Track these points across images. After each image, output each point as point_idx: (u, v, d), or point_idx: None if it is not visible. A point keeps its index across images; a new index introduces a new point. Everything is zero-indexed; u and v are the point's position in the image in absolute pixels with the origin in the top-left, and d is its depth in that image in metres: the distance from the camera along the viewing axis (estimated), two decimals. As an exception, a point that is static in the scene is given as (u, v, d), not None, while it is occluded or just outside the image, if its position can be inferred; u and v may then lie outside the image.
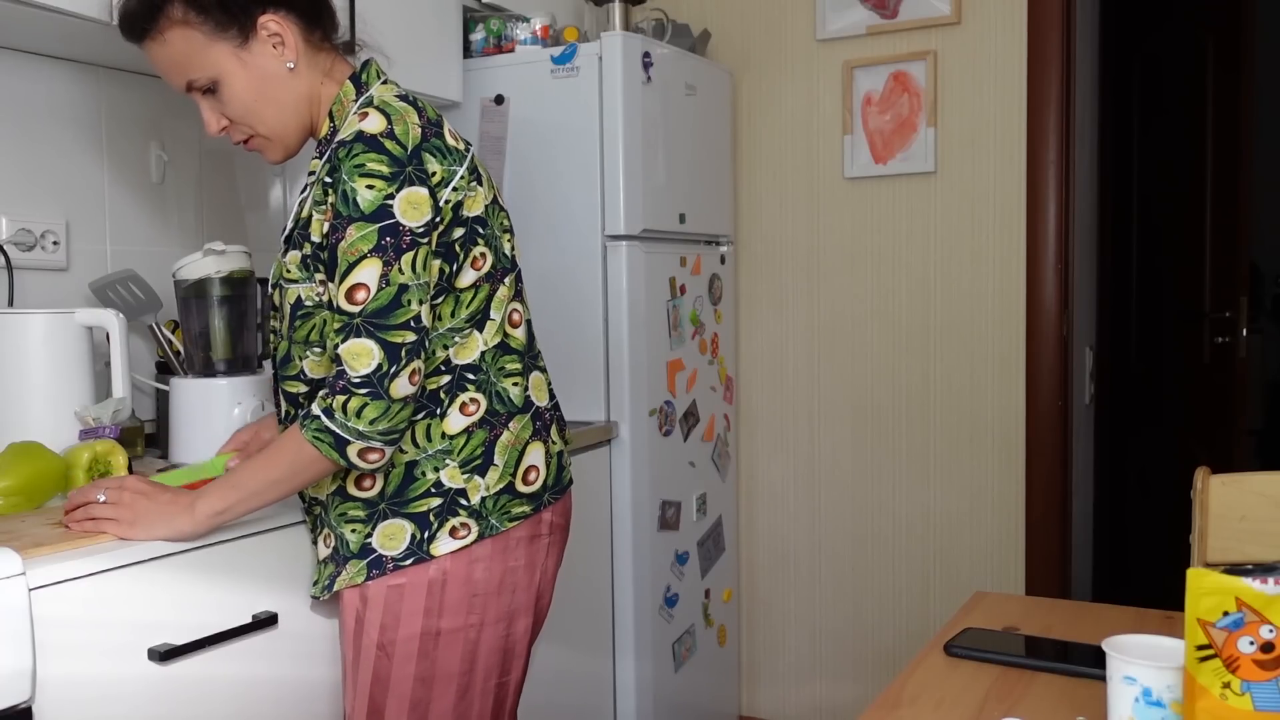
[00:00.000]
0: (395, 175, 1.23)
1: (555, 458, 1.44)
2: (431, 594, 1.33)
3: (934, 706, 1.06)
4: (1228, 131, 3.32)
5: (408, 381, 1.24)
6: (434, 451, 1.33)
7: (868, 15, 2.69)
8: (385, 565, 1.32)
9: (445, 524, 1.33)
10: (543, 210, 2.38)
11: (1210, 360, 3.41)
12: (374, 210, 1.22)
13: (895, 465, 2.76)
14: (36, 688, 1.13)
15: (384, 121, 1.25)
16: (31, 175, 1.80)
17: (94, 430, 1.54)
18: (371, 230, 1.22)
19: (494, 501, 1.35)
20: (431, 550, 1.32)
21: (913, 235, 2.71)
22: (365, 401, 1.22)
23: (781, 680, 2.92)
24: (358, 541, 1.34)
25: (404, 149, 1.25)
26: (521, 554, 1.38)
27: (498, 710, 1.41)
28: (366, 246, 1.22)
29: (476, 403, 1.35)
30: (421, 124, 1.28)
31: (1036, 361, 2.59)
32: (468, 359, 1.34)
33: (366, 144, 1.23)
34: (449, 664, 1.35)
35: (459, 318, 1.33)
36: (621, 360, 2.34)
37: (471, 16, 2.50)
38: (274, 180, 2.23)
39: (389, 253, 1.22)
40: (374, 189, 1.22)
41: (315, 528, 1.42)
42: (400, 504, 1.33)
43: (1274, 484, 1.44)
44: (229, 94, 1.32)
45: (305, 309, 1.31)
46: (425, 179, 1.25)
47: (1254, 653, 0.80)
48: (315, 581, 1.41)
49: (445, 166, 1.28)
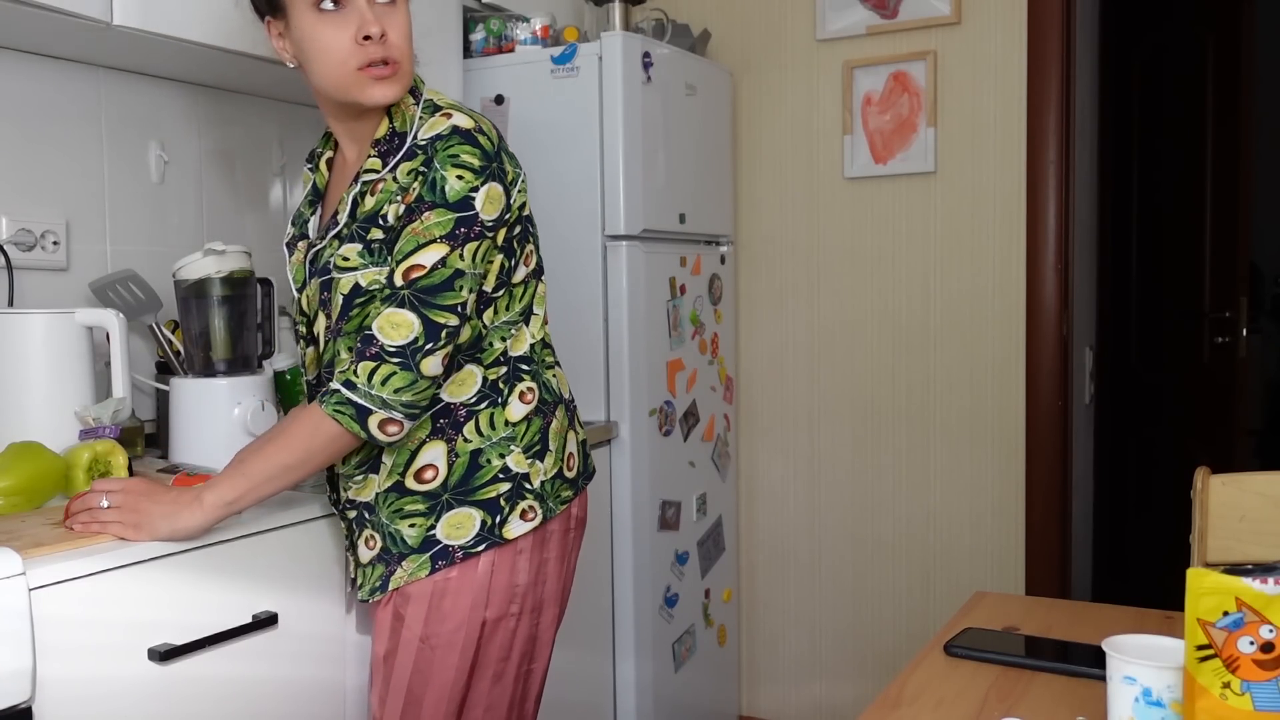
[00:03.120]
0: (483, 170, 1.27)
1: (581, 446, 1.49)
2: (480, 587, 1.34)
3: (934, 706, 1.06)
4: (1228, 131, 3.32)
5: (439, 361, 1.26)
6: (499, 439, 1.35)
7: (868, 15, 2.69)
8: (453, 555, 1.33)
9: (516, 507, 1.36)
10: (543, 210, 2.38)
11: (1210, 360, 3.41)
12: (458, 200, 1.26)
13: (895, 465, 2.76)
14: (36, 688, 1.13)
15: (473, 120, 1.30)
16: (31, 175, 1.80)
17: (94, 430, 1.54)
18: (450, 218, 1.25)
19: (550, 485, 1.40)
20: (504, 533, 1.34)
21: (913, 235, 2.71)
22: (394, 370, 1.23)
23: (781, 680, 2.92)
24: (418, 535, 1.34)
25: (492, 145, 1.30)
26: (555, 546, 1.42)
27: (524, 696, 1.45)
28: (440, 232, 1.25)
29: (532, 391, 1.39)
30: (494, 126, 1.34)
31: (1036, 361, 2.59)
32: (520, 350, 1.39)
33: (463, 137, 1.27)
34: (490, 653, 1.38)
35: (513, 311, 1.38)
36: (621, 360, 2.34)
37: (471, 16, 2.50)
38: (274, 180, 2.23)
39: (458, 240, 1.25)
40: (463, 179, 1.26)
41: (352, 532, 1.42)
42: (466, 493, 1.34)
43: (1274, 484, 1.44)
44: (402, 19, 1.33)
45: (364, 294, 1.30)
46: (503, 177, 1.30)
47: (1254, 653, 0.80)
48: (361, 585, 1.40)
49: (514, 169, 1.35)
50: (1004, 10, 2.58)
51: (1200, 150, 3.42)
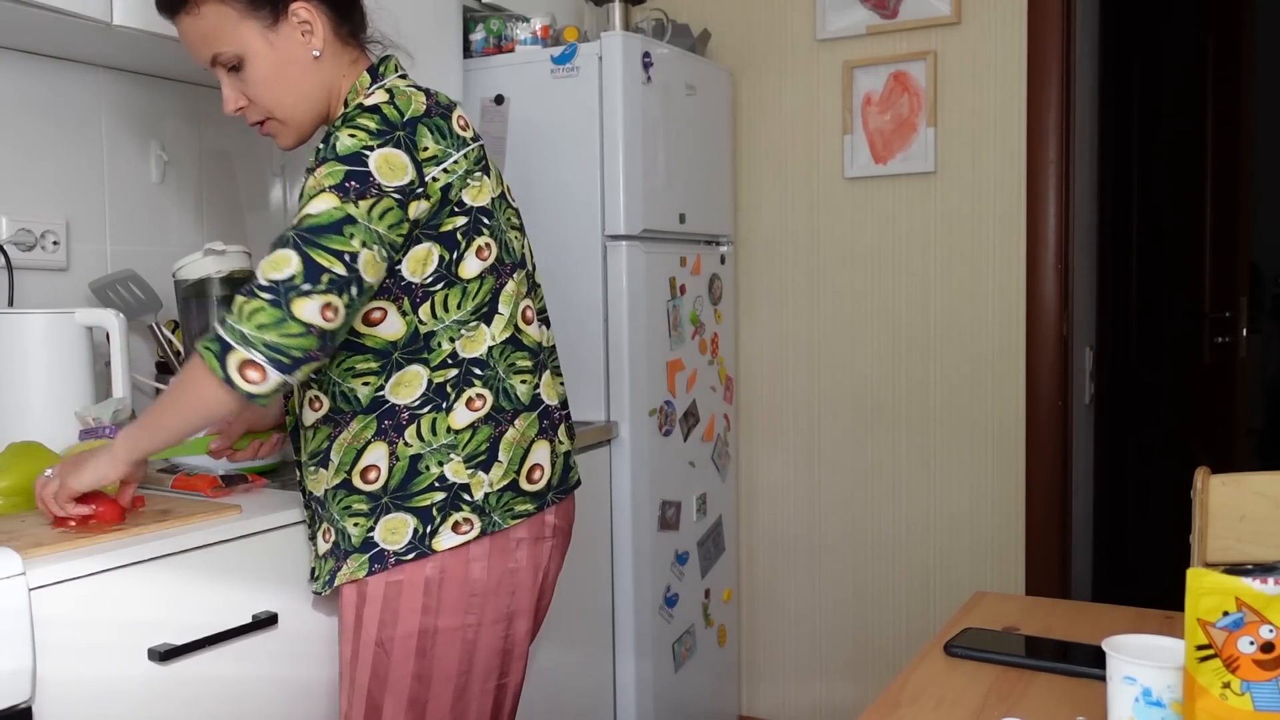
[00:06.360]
0: (380, 134, 1.25)
1: (561, 457, 1.44)
2: (429, 592, 1.33)
3: (934, 706, 1.06)
4: (1228, 131, 3.32)
5: (317, 309, 1.16)
6: (438, 446, 1.33)
7: (868, 15, 2.69)
8: (387, 559, 1.32)
9: (448, 519, 1.32)
10: (543, 210, 2.38)
11: (1210, 360, 3.41)
12: (348, 154, 1.24)
13: (895, 465, 2.76)
14: (36, 688, 1.13)
15: (386, 95, 1.29)
16: (31, 175, 1.80)
17: (94, 430, 1.54)
18: (340, 169, 1.23)
19: (497, 498, 1.35)
20: (434, 545, 1.32)
21: (913, 235, 2.71)
22: (262, 305, 1.15)
23: (781, 680, 2.92)
24: (360, 535, 1.33)
25: (400, 115, 1.27)
26: (524, 555, 1.38)
27: (496, 712, 1.41)
28: (330, 182, 1.22)
29: (483, 398, 1.35)
30: (428, 104, 1.31)
31: (1036, 361, 2.59)
32: (475, 352, 1.34)
33: (367, 110, 1.27)
34: (447, 663, 1.35)
35: (465, 309, 1.33)
36: (621, 360, 2.34)
37: (471, 16, 2.50)
38: (274, 181, 2.23)
39: (350, 193, 1.21)
40: (355, 138, 1.25)
41: (313, 523, 1.42)
42: (403, 498, 1.33)
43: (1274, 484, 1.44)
44: (252, 73, 1.34)
45: None
46: (413, 148, 1.27)
47: (1254, 653, 0.80)
48: (315, 577, 1.40)
49: (440, 147, 1.29)
50: (1004, 10, 2.58)
51: (1200, 150, 3.42)
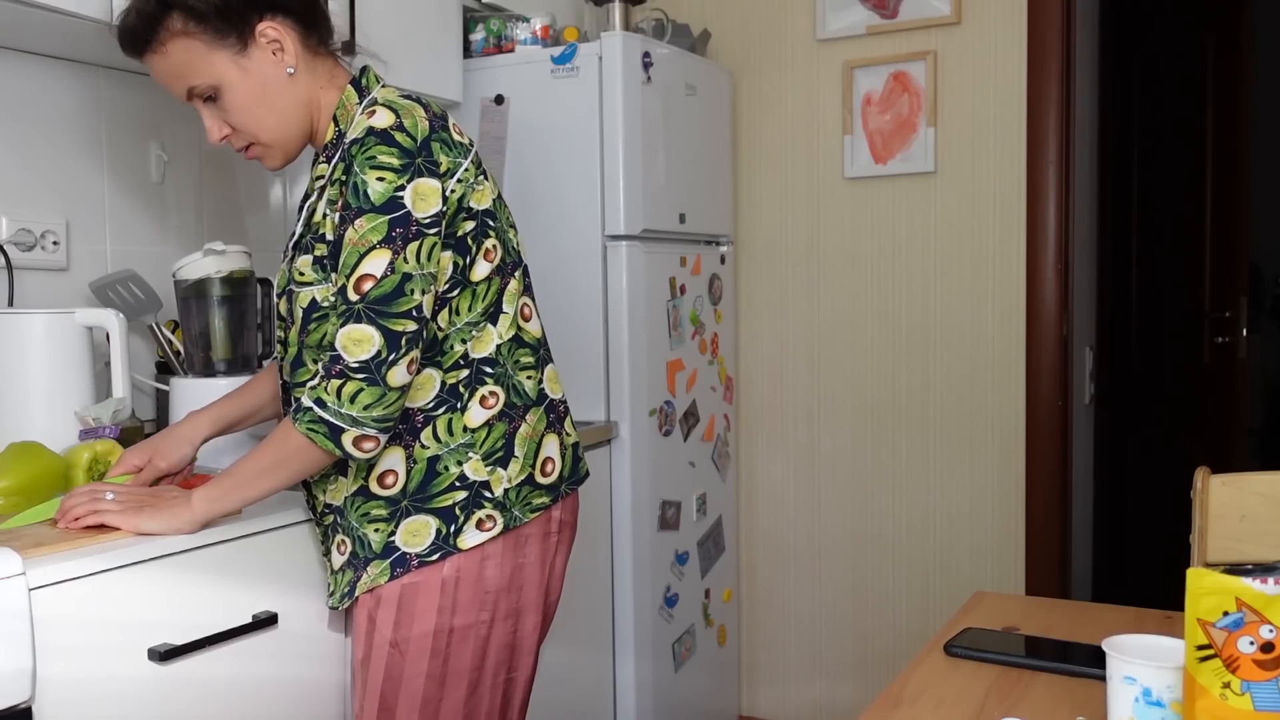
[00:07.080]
0: (405, 167, 1.25)
1: (570, 449, 1.46)
2: (445, 592, 1.33)
3: (934, 706, 1.06)
4: (1228, 131, 3.32)
5: (405, 370, 1.24)
6: (456, 445, 1.33)
7: (868, 15, 2.69)
8: (409, 563, 1.33)
9: (471, 517, 1.33)
10: (543, 210, 2.38)
11: (1210, 360, 3.41)
12: (384, 201, 1.23)
13: (895, 465, 2.76)
14: (36, 688, 1.13)
15: (392, 116, 1.27)
16: (31, 175, 1.80)
17: (94, 430, 1.54)
18: (382, 221, 1.23)
19: (516, 493, 1.37)
20: (459, 544, 1.33)
21: (913, 235, 2.71)
22: (361, 387, 1.22)
23: (781, 680, 2.92)
24: (381, 540, 1.33)
25: (414, 141, 1.26)
26: (533, 551, 1.39)
27: (505, 706, 1.42)
28: (376, 238, 1.23)
29: (495, 395, 1.36)
30: (428, 118, 1.30)
31: (1036, 361, 2.59)
32: (484, 352, 1.36)
33: (378, 138, 1.25)
34: (461, 661, 1.36)
35: (475, 311, 1.35)
36: (621, 360, 2.34)
37: (471, 16, 2.50)
38: (274, 181, 2.23)
39: (397, 243, 1.23)
40: (384, 180, 1.24)
41: (327, 537, 1.41)
42: (423, 499, 1.33)
43: (1274, 484, 1.44)
44: (230, 101, 1.34)
45: (321, 310, 1.31)
46: (434, 170, 1.27)
47: (1254, 653, 0.80)
48: (332, 592, 1.40)
49: (451, 159, 1.30)
50: (1004, 10, 2.58)
51: (1200, 150, 3.42)
